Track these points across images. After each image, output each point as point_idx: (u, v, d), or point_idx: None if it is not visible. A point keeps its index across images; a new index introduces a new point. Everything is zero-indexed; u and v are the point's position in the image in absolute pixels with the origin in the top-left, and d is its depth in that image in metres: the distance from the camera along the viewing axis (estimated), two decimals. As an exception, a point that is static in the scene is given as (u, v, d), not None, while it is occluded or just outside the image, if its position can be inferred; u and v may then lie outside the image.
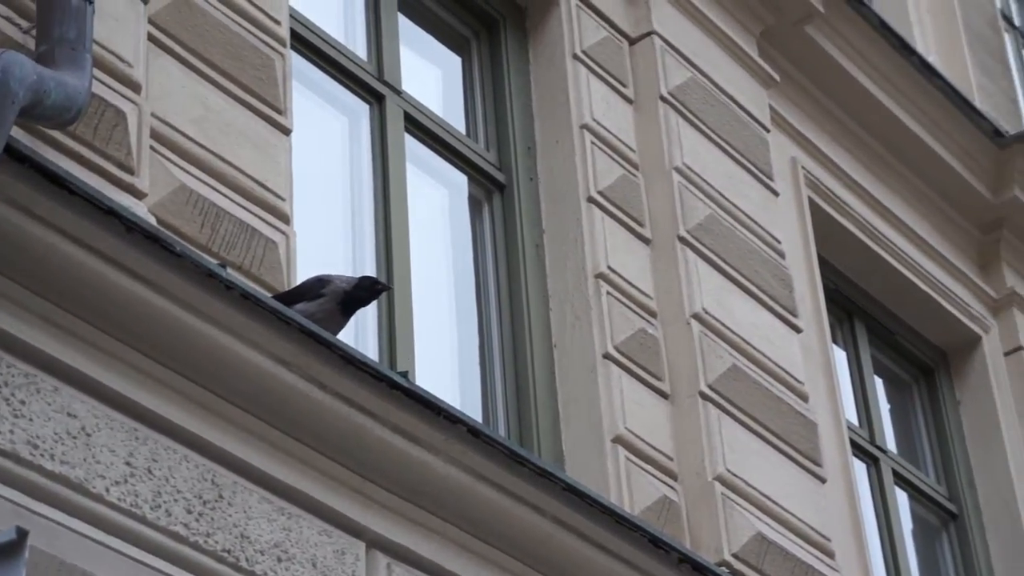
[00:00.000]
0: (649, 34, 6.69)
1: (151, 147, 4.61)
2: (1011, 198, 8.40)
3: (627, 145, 6.43)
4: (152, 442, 4.12)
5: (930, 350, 8.17)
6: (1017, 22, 10.67)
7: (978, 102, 8.73)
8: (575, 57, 6.40)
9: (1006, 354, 8.23)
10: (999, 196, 8.42)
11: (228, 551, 4.16)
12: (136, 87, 4.56)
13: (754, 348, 6.33)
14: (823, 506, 6.28)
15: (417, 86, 6.11)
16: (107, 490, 3.98)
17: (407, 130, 5.97)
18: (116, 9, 4.61)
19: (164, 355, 4.20)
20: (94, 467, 3.97)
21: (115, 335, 4.12)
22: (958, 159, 8.26)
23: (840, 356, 7.65)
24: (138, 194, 4.48)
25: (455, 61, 6.46)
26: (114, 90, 4.49)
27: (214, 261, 4.39)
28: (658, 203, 6.37)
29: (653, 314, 6.12)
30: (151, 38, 4.78)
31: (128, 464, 4.04)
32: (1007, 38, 9.98)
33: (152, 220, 4.44)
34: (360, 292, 4.74)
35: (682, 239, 6.30)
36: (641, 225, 6.29)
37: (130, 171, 4.46)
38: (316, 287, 4.65)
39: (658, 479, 5.74)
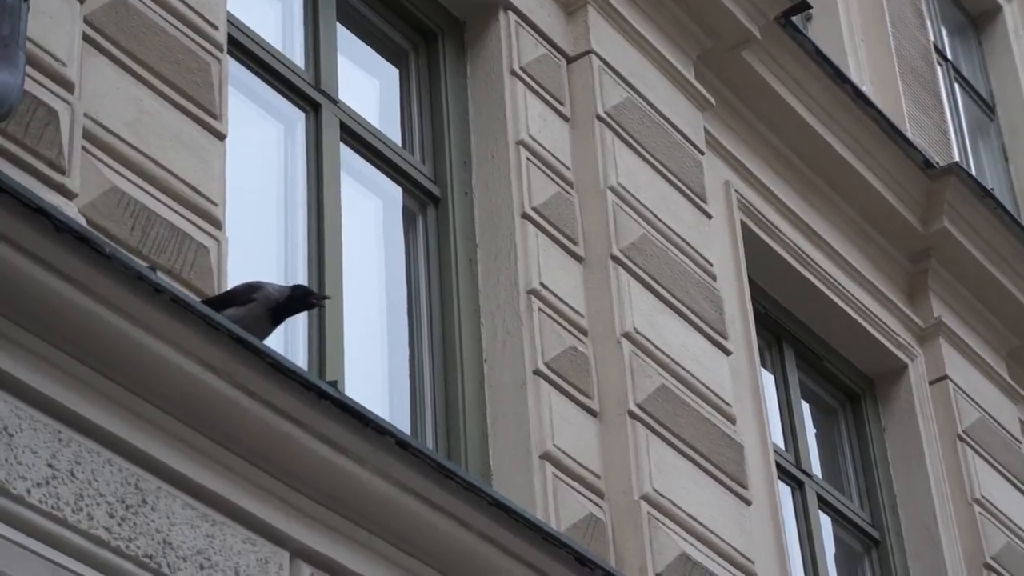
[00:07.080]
0: (587, 53, 6.71)
1: (83, 147, 4.57)
2: (940, 229, 8.47)
3: (562, 163, 6.44)
4: (76, 444, 4.06)
5: (857, 376, 8.23)
6: (949, 55, 10.79)
7: (910, 133, 8.81)
8: (513, 73, 6.41)
9: (931, 383, 8.30)
10: (928, 226, 8.49)
11: (150, 557, 4.11)
12: (69, 86, 4.52)
13: (683, 369, 6.34)
14: (748, 528, 6.29)
15: (354, 96, 6.09)
16: (28, 492, 3.92)
17: (343, 140, 5.95)
18: (51, 7, 4.56)
19: (90, 357, 4.15)
20: (15, 468, 3.91)
21: (40, 335, 4.06)
22: (889, 188, 8.33)
23: (768, 380, 7.69)
24: (68, 194, 4.43)
25: (392, 72, 6.45)
26: (47, 88, 4.45)
27: (144, 264, 4.34)
28: (592, 221, 6.38)
29: (584, 332, 6.12)
30: (86, 38, 4.74)
31: (50, 466, 3.99)
32: (939, 71, 10.09)
33: (82, 221, 4.39)
34: (292, 303, 4.72)
35: (615, 258, 6.31)
36: (574, 243, 6.30)
37: (61, 171, 4.42)
38: (247, 292, 4.62)
39: (585, 496, 5.74)
